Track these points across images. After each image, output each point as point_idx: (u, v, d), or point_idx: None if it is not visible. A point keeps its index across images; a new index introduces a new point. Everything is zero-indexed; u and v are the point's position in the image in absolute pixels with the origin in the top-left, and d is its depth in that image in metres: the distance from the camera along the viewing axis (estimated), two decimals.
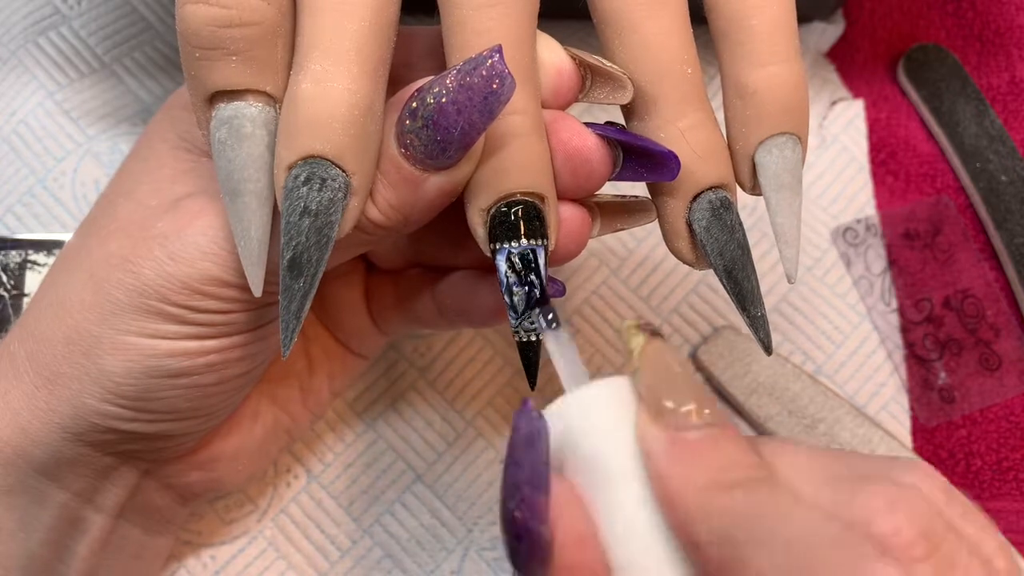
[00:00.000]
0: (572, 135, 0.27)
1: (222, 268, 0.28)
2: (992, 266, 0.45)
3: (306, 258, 0.25)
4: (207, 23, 0.24)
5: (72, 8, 0.47)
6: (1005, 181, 0.45)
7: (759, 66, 0.28)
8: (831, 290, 0.44)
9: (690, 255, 0.30)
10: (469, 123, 0.25)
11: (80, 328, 0.29)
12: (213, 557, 0.40)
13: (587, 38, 0.40)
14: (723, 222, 0.28)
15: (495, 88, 0.24)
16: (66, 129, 0.45)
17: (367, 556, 0.40)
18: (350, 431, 0.42)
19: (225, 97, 0.26)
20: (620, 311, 0.44)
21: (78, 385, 0.29)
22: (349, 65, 0.25)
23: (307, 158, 0.25)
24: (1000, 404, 0.43)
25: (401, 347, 0.43)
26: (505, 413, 0.42)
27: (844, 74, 0.48)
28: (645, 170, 0.28)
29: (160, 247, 0.28)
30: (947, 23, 0.49)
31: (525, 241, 0.27)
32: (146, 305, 0.28)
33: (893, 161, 0.47)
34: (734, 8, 0.28)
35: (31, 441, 0.30)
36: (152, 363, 0.29)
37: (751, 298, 0.29)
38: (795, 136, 0.28)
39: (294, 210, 0.25)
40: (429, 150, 0.25)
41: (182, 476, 0.34)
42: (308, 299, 0.25)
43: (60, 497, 0.31)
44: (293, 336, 0.26)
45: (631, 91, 0.28)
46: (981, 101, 0.47)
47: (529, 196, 0.27)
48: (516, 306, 0.27)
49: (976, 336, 0.43)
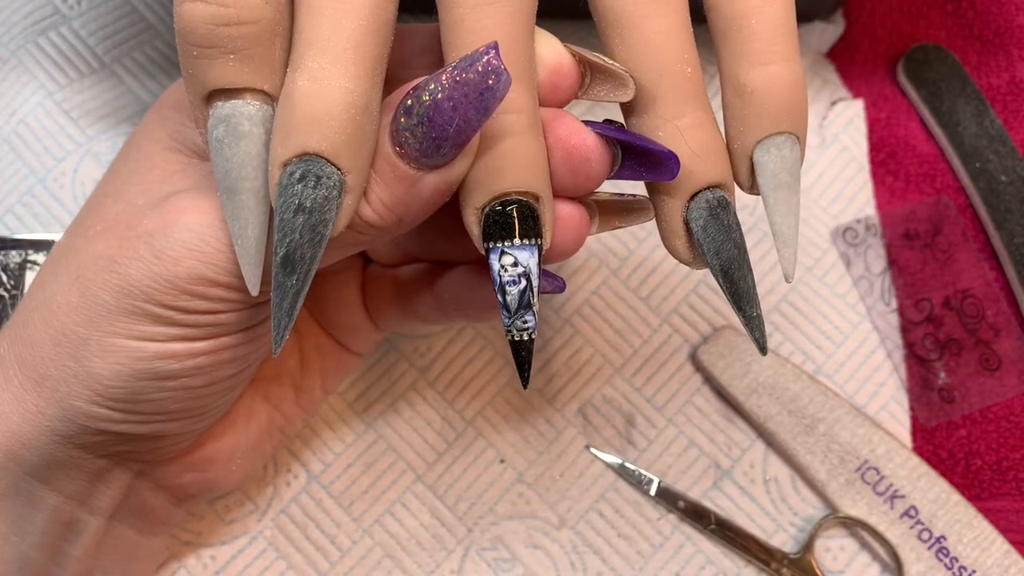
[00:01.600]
0: (571, 133, 0.27)
1: (210, 266, 0.27)
2: (992, 266, 0.45)
3: (299, 255, 0.25)
4: (205, 21, 0.24)
5: (72, 8, 0.47)
6: (1005, 181, 0.45)
7: (758, 65, 0.28)
8: (831, 290, 0.44)
9: (687, 254, 0.30)
10: (464, 120, 0.25)
11: (67, 330, 0.29)
12: (213, 557, 0.40)
13: (588, 37, 0.40)
14: (720, 222, 0.28)
15: (491, 84, 0.24)
16: (66, 129, 0.45)
17: (367, 556, 0.40)
18: (350, 431, 0.42)
19: (223, 95, 0.26)
20: (620, 311, 0.44)
21: (66, 388, 0.29)
22: (346, 64, 0.25)
23: (302, 155, 0.25)
24: (1000, 404, 0.43)
25: (401, 347, 0.43)
26: (505, 413, 0.42)
27: (844, 74, 0.48)
28: (644, 169, 0.28)
29: (146, 246, 0.28)
30: (947, 23, 0.49)
31: (519, 240, 0.27)
32: (133, 306, 0.28)
33: (893, 161, 0.47)
34: (734, 7, 0.28)
35: (22, 444, 0.30)
36: (140, 365, 0.29)
37: (747, 298, 0.29)
38: (794, 136, 0.28)
39: (288, 207, 0.25)
40: (424, 148, 0.25)
41: (176, 477, 0.34)
42: (300, 297, 0.25)
43: (53, 500, 0.31)
44: (285, 334, 0.25)
45: (632, 88, 0.28)
46: (981, 101, 0.47)
47: (524, 195, 0.27)
48: (509, 305, 0.27)
49: (976, 336, 0.43)
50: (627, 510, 0.41)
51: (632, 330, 0.43)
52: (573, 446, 0.42)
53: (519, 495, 0.41)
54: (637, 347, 0.43)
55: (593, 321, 0.43)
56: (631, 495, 0.41)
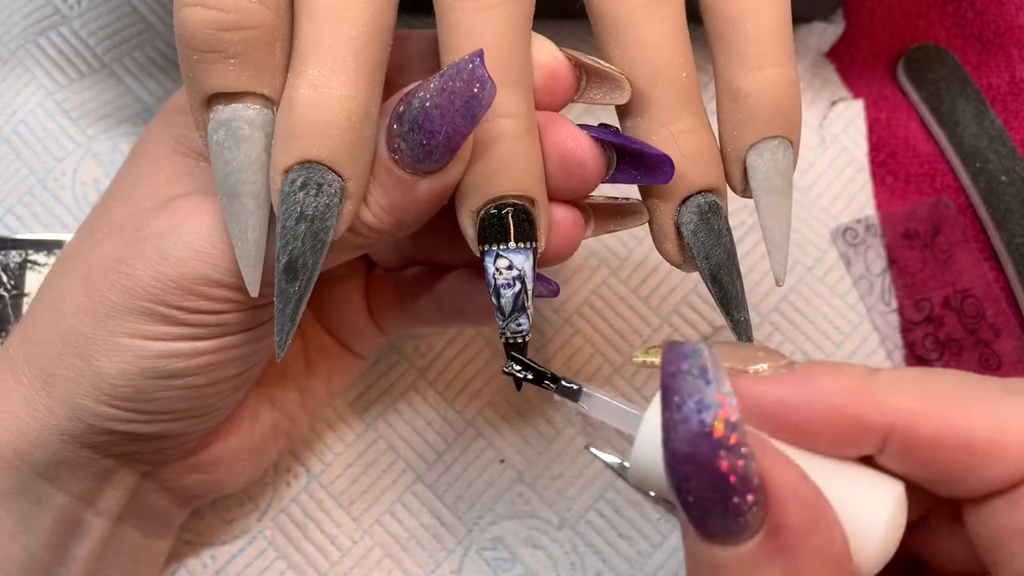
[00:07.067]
0: (566, 137, 0.27)
1: (215, 268, 0.28)
2: (992, 266, 0.45)
3: (302, 262, 0.25)
4: (206, 26, 0.25)
5: (72, 8, 0.47)
6: (1005, 181, 0.45)
7: (752, 69, 0.28)
8: (831, 290, 0.44)
9: (677, 257, 0.30)
10: (453, 127, 0.25)
11: (75, 330, 0.29)
12: (213, 557, 0.40)
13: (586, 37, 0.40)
14: (711, 226, 0.28)
15: (476, 92, 0.25)
16: (66, 129, 0.45)
17: (367, 556, 0.40)
18: (350, 431, 0.42)
19: (223, 99, 0.26)
20: (620, 311, 0.44)
21: (74, 387, 0.29)
22: (347, 71, 0.25)
23: (304, 163, 0.25)
24: None
25: (401, 347, 0.43)
26: (505, 413, 0.42)
27: (844, 74, 0.48)
28: (639, 173, 0.28)
29: (153, 247, 0.28)
30: (947, 23, 0.49)
31: (514, 244, 0.27)
32: (139, 306, 0.28)
33: (893, 161, 0.47)
34: (730, 11, 0.28)
35: (30, 443, 0.30)
36: (146, 364, 0.29)
37: (735, 302, 0.29)
38: (787, 140, 0.28)
39: (290, 215, 0.25)
40: (416, 154, 0.25)
41: (181, 478, 0.34)
42: (303, 302, 0.26)
43: (60, 499, 0.32)
44: (288, 338, 0.26)
45: (628, 91, 0.28)
46: (981, 101, 0.47)
47: (519, 199, 0.27)
48: (503, 308, 0.27)
49: (976, 336, 0.43)
50: (627, 510, 0.41)
51: (632, 330, 0.43)
52: (573, 446, 0.42)
53: (519, 495, 0.41)
54: (637, 347, 0.43)
55: (593, 321, 0.43)
56: (631, 495, 0.41)
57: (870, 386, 0.23)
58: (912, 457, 0.23)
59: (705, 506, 0.21)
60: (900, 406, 0.22)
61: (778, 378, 0.24)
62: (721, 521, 0.21)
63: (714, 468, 0.21)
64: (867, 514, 0.23)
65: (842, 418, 0.23)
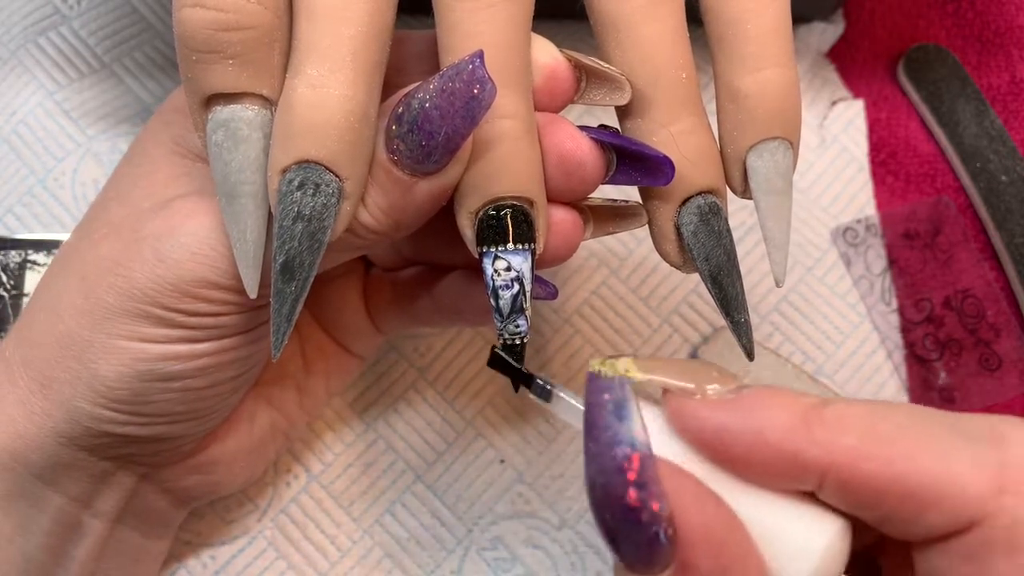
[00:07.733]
0: (565, 138, 0.27)
1: (213, 270, 0.28)
2: (992, 266, 0.45)
3: (298, 262, 0.25)
4: (204, 26, 0.24)
5: (72, 8, 0.47)
6: (1005, 181, 0.45)
7: (752, 70, 0.28)
8: (831, 290, 0.44)
9: (677, 258, 0.30)
10: (452, 128, 0.25)
11: (72, 332, 0.29)
12: (213, 557, 0.40)
13: (586, 38, 0.40)
14: (711, 227, 0.28)
15: (476, 93, 0.24)
16: (66, 129, 0.45)
17: (367, 556, 0.40)
18: (350, 431, 0.42)
19: (221, 100, 0.26)
20: (620, 311, 0.44)
21: (71, 389, 0.29)
22: (345, 71, 0.25)
23: (301, 163, 0.25)
24: (1000, 404, 0.43)
25: (401, 347, 0.43)
26: (505, 413, 0.42)
27: (844, 74, 0.48)
28: (639, 174, 0.28)
29: (150, 249, 0.28)
30: (947, 23, 0.49)
31: (513, 245, 0.27)
32: (136, 308, 0.28)
33: (893, 161, 0.47)
34: (730, 12, 0.28)
35: (27, 446, 0.30)
36: (143, 367, 0.29)
37: (735, 304, 0.29)
38: (786, 141, 0.28)
39: (287, 215, 0.25)
40: (415, 155, 0.25)
41: (179, 480, 0.34)
42: (299, 303, 0.26)
43: (58, 502, 0.32)
44: (284, 338, 0.26)
45: (628, 92, 0.28)
46: (981, 101, 0.47)
47: (518, 200, 0.27)
48: (501, 309, 0.27)
49: (976, 336, 0.43)
50: None
51: (632, 330, 0.43)
52: (573, 446, 0.42)
53: (519, 495, 0.41)
54: (637, 347, 0.43)
55: (593, 321, 0.43)
56: None
57: (814, 421, 0.22)
58: (851, 497, 0.22)
59: (618, 535, 0.22)
60: (841, 445, 0.22)
61: (723, 404, 0.23)
62: (634, 551, 0.22)
63: (624, 502, 0.22)
64: (799, 552, 0.22)
65: (778, 454, 0.22)
